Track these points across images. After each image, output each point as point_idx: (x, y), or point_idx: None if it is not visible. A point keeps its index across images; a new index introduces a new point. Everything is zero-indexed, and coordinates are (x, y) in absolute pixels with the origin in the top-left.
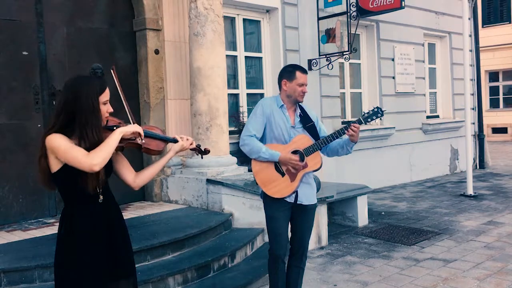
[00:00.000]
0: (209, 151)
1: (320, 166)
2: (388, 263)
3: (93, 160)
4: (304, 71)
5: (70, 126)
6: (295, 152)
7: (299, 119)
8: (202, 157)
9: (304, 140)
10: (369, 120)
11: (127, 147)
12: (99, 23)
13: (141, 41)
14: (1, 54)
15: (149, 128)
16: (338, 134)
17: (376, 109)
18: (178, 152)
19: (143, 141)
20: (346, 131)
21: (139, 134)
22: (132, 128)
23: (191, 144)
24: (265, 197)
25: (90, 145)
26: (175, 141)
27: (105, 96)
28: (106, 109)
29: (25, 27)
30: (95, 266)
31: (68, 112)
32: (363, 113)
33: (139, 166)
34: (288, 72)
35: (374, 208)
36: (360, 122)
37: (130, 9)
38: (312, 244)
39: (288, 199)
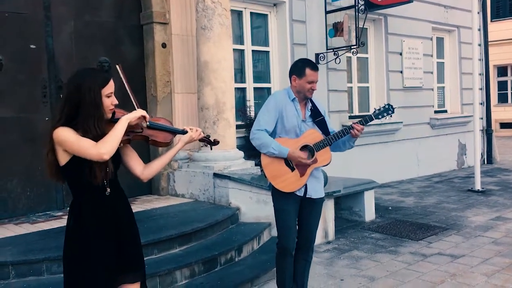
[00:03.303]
0: (218, 142)
1: (329, 162)
2: (395, 258)
3: (102, 149)
4: (314, 67)
5: (75, 119)
6: (305, 146)
7: (309, 113)
8: (211, 148)
9: (314, 135)
10: (379, 117)
11: (134, 139)
12: (106, 17)
13: (148, 35)
14: (9, 47)
15: (156, 120)
16: (345, 132)
17: (387, 106)
18: (187, 144)
19: (148, 123)
20: (350, 131)
21: (144, 117)
22: (137, 113)
23: (199, 134)
24: (274, 190)
25: (93, 138)
26: (184, 132)
27: (109, 88)
28: (110, 101)
29: (33, 20)
30: (103, 258)
31: (72, 105)
32: (374, 110)
33: (146, 159)
34: (298, 68)
35: (381, 203)
36: (371, 119)
37: (137, 2)
38: (319, 238)
39: (297, 193)
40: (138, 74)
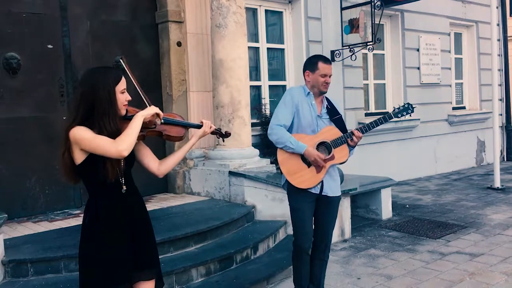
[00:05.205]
0: (230, 134)
1: (347, 159)
2: (413, 256)
3: (120, 146)
4: (326, 61)
5: (90, 118)
6: (322, 143)
7: (325, 111)
8: (223, 140)
9: (332, 131)
10: (399, 115)
11: (148, 135)
12: (122, 16)
13: (163, 34)
14: (27, 47)
15: (169, 115)
16: (347, 136)
17: (406, 105)
18: (200, 138)
19: (162, 120)
20: (347, 140)
21: (158, 115)
22: (152, 110)
23: (211, 128)
24: (289, 188)
25: (108, 135)
26: (198, 126)
27: (122, 85)
28: (124, 97)
29: (50, 20)
30: (118, 256)
31: (87, 104)
32: (393, 108)
33: (162, 155)
34: (310, 63)
35: (398, 201)
36: (390, 117)
37: (152, 1)
38: (335, 237)
39: (313, 191)
40: (153, 73)
